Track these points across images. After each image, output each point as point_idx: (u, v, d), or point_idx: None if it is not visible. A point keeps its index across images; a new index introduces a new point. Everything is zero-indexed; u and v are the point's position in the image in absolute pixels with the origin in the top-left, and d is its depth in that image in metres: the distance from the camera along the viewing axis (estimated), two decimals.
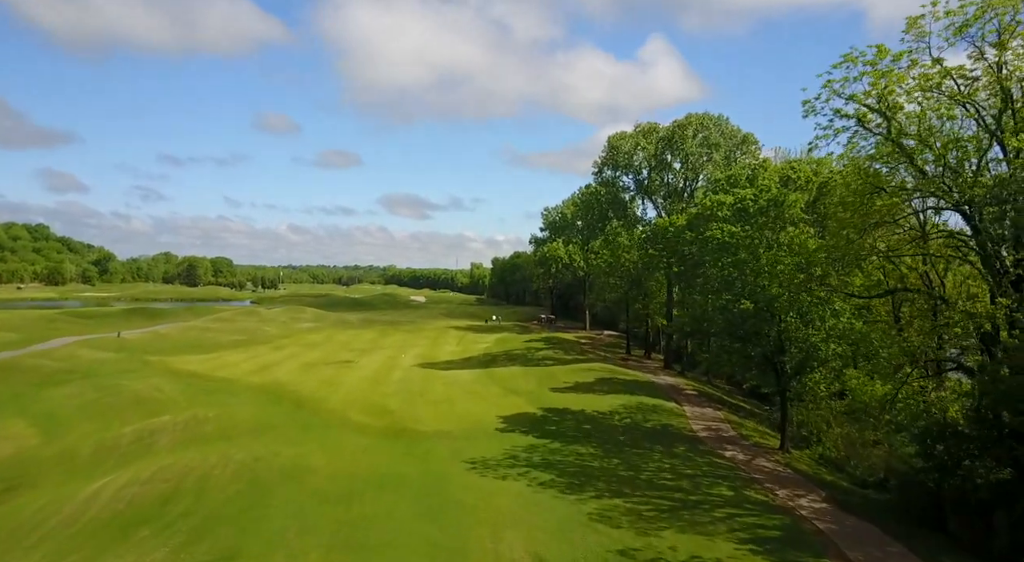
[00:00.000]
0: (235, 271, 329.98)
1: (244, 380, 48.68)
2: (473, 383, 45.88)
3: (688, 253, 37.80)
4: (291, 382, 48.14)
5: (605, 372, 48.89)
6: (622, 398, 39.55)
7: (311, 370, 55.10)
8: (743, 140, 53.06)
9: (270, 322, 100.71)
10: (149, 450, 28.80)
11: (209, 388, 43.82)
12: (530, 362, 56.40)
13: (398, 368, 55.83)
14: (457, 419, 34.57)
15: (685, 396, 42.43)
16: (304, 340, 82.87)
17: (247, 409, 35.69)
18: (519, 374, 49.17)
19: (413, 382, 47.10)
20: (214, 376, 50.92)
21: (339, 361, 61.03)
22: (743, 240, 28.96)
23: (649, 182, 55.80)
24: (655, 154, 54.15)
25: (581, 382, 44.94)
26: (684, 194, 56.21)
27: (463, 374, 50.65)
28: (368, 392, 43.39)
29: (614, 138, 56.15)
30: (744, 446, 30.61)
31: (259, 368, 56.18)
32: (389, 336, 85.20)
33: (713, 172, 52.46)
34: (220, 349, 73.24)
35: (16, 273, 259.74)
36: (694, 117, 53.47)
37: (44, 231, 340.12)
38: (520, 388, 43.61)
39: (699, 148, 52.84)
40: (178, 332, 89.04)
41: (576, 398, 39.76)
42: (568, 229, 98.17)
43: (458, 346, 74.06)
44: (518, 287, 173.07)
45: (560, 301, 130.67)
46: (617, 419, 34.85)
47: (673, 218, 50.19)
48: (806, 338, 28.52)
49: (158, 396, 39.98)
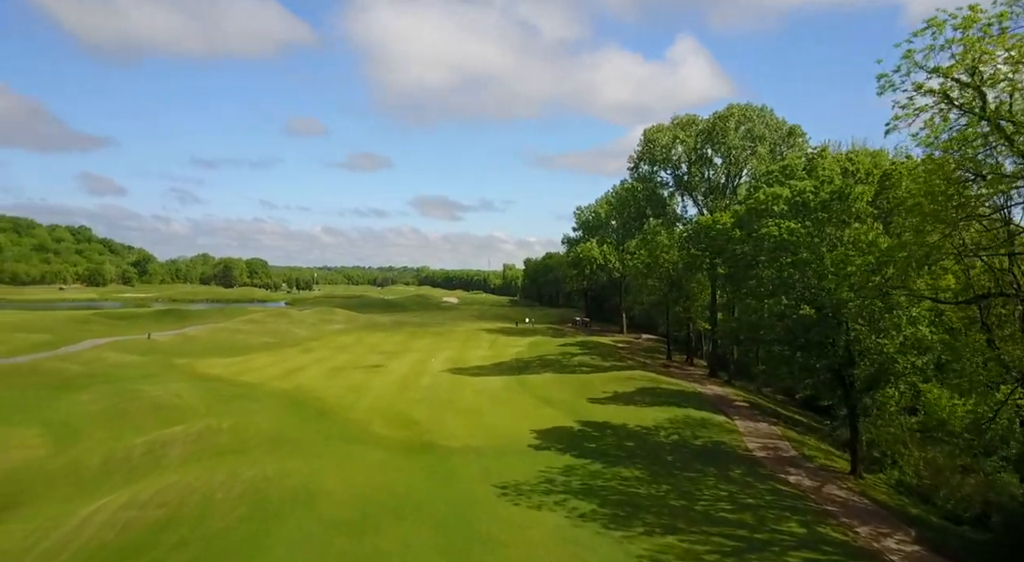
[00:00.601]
0: (270, 272, 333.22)
1: (268, 385, 46.83)
2: (504, 391, 43.24)
3: (739, 253, 34.58)
4: (316, 388, 46.13)
5: (646, 381, 45.79)
6: (667, 411, 36.49)
7: (338, 375, 53.11)
8: (789, 132, 49.38)
9: (300, 324, 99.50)
10: (157, 464, 26.76)
11: (230, 394, 41.96)
12: (565, 369, 53.53)
13: (427, 373, 53.49)
14: (487, 433, 31.93)
15: (735, 408, 39.15)
16: (334, 343, 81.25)
17: (266, 418, 33.56)
18: (553, 382, 46.38)
19: (441, 389, 44.65)
20: (238, 381, 49.24)
21: (367, 365, 58.99)
22: (803, 238, 25.75)
23: (689, 177, 52.41)
24: (695, 148, 50.79)
25: (621, 392, 41.95)
26: (726, 190, 52.72)
27: (494, 381, 48.04)
28: (394, 400, 41.06)
29: (650, 131, 52.89)
30: (809, 469, 27.35)
31: (285, 372, 54.39)
32: (419, 339, 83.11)
33: (758, 167, 48.95)
34: (248, 352, 71.96)
35: (59, 274, 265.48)
36: (736, 108, 50.02)
37: (86, 233, 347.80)
38: (555, 398, 40.81)
39: (742, 141, 49.39)
40: (208, 334, 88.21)
41: (616, 410, 36.82)
42: (602, 229, 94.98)
43: (489, 350, 71.53)
44: (551, 288, 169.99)
45: (594, 303, 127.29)
46: (663, 435, 31.83)
47: (716, 215, 46.84)
48: (880, 348, 25.18)
49: (177, 403, 38.17)
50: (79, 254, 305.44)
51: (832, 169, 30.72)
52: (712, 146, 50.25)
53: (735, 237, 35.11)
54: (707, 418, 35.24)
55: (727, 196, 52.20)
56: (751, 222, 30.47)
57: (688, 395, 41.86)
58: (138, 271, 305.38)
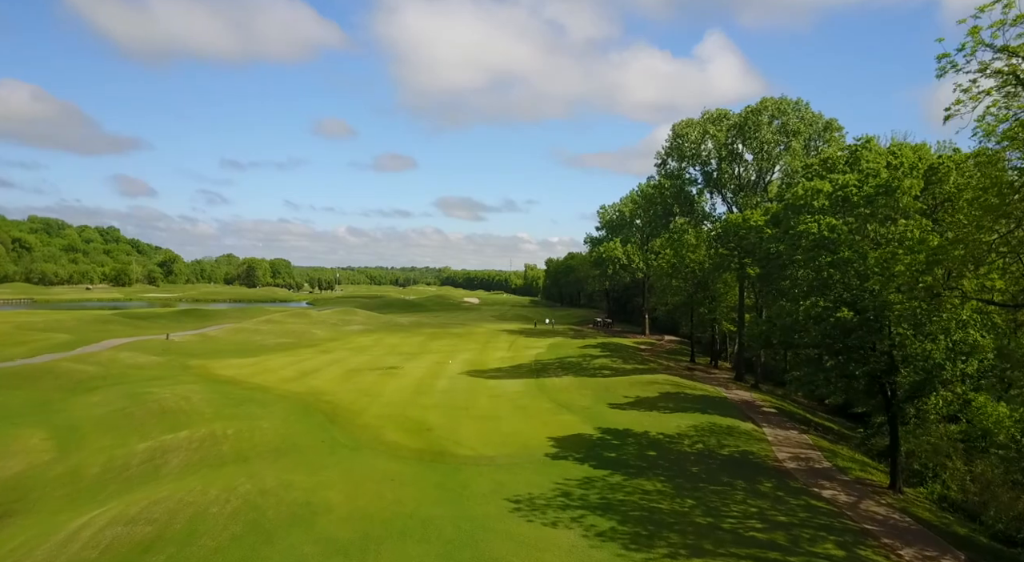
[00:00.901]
0: (293, 272, 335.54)
1: (280, 388, 45.83)
2: (522, 396, 41.70)
3: (774, 252, 32.58)
4: (328, 391, 45.05)
5: (670, 385, 43.96)
6: (691, 417, 34.68)
7: (352, 377, 52.03)
8: (825, 127, 47.09)
9: (319, 324, 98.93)
10: (156, 474, 25.65)
11: (240, 398, 40.94)
12: (585, 372, 51.85)
13: (443, 376, 52.19)
14: (502, 441, 30.41)
15: (763, 414, 37.20)
16: (351, 343, 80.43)
17: (272, 424, 32.38)
18: (573, 386, 44.75)
19: (457, 393, 43.27)
20: (250, 383, 48.34)
21: (384, 367, 57.88)
22: (845, 235, 23.71)
23: (719, 174, 50.28)
24: (725, 143, 48.65)
25: (643, 397, 40.20)
26: (757, 187, 50.53)
27: (512, 384, 46.53)
28: (408, 404, 39.74)
29: (679, 126, 50.88)
30: (844, 483, 25.42)
31: (299, 374, 53.46)
32: (438, 340, 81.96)
33: (791, 162, 46.74)
34: (265, 352, 71.36)
35: (86, 274, 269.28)
36: (770, 102, 47.81)
37: (115, 233, 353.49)
38: (574, 403, 39.18)
39: (775, 136, 47.20)
40: (226, 334, 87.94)
41: (638, 417, 35.08)
42: (626, 228, 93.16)
43: (508, 351, 70.06)
44: (572, 289, 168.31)
45: (616, 304, 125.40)
46: (687, 444, 30.06)
47: (747, 213, 44.83)
48: (926, 354, 23.18)
49: (184, 406, 37.18)
50: (107, 254, 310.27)
51: (877, 162, 28.55)
52: (743, 141, 48.06)
53: (768, 235, 33.10)
54: (733, 425, 33.36)
55: (758, 193, 49.95)
56: (787, 219, 28.44)
57: (713, 400, 39.98)
58: (164, 271, 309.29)
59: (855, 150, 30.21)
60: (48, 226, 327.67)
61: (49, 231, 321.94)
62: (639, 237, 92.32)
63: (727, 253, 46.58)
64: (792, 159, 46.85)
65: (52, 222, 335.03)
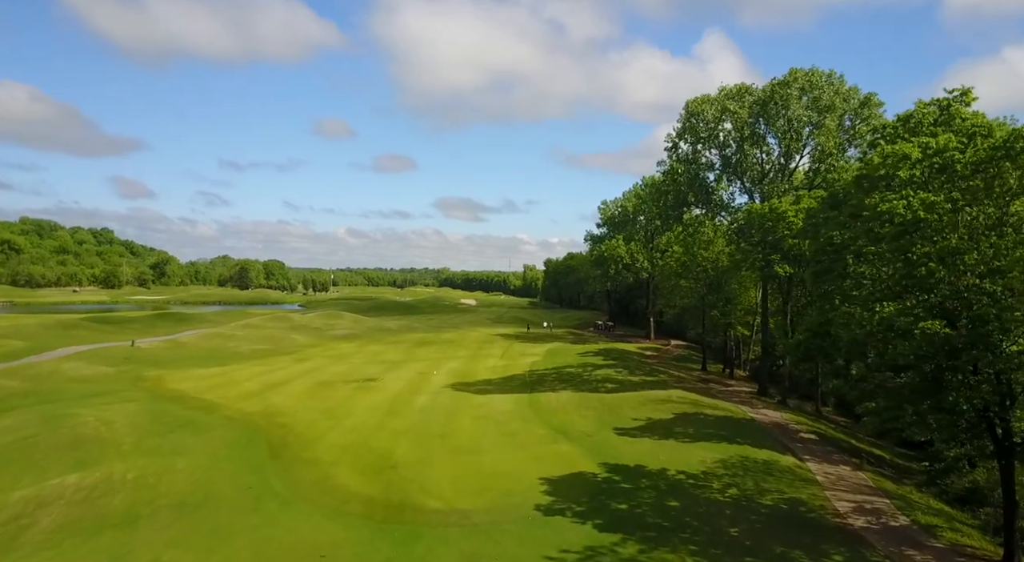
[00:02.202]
0: (288, 274, 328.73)
1: (231, 407, 39.41)
2: (512, 418, 35.24)
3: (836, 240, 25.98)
4: (287, 410, 38.65)
5: (686, 403, 37.49)
6: (717, 448, 28.22)
7: (321, 392, 45.63)
8: (864, 102, 40.49)
9: (300, 329, 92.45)
10: (11, 544, 19.18)
11: (177, 421, 34.50)
12: (586, 385, 45.36)
13: (425, 390, 45.76)
14: (482, 485, 23.98)
15: (801, 442, 30.76)
16: (332, 350, 74.02)
17: (193, 462, 25.99)
18: (572, 404, 38.27)
19: (436, 414, 36.82)
20: (200, 400, 41.90)
21: (360, 379, 51.47)
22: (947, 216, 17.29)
23: (739, 158, 43.69)
24: (748, 121, 42.09)
25: (656, 420, 33.74)
26: (783, 174, 43.96)
27: (501, 402, 40.09)
28: (375, 429, 33.31)
29: (694, 103, 44.22)
30: (939, 554, 18.93)
31: (262, 388, 47.04)
32: (426, 346, 75.49)
33: (825, 143, 40.26)
34: (235, 361, 64.92)
35: (74, 276, 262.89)
36: (799, 73, 41.20)
37: (108, 235, 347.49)
38: (573, 427, 32.72)
39: (806, 112, 40.73)
40: (199, 340, 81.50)
41: (652, 447, 28.62)
42: (629, 225, 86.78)
43: (501, 359, 63.60)
44: (572, 290, 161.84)
45: (618, 306, 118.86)
46: (718, 488, 23.61)
47: (773, 203, 38.45)
48: None
49: (103, 434, 30.73)
50: (99, 256, 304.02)
51: (981, 122, 22.06)
52: (768, 120, 41.53)
53: (830, 219, 26.58)
54: (771, 460, 26.91)
55: (784, 180, 43.37)
56: (857, 196, 22.06)
57: (739, 423, 33.50)
58: (156, 273, 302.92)
59: (946, 105, 23.71)
60: (40, 228, 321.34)
61: (41, 233, 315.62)
62: (643, 235, 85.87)
63: (749, 249, 40.18)
64: (826, 139, 40.26)
65: (44, 223, 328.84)
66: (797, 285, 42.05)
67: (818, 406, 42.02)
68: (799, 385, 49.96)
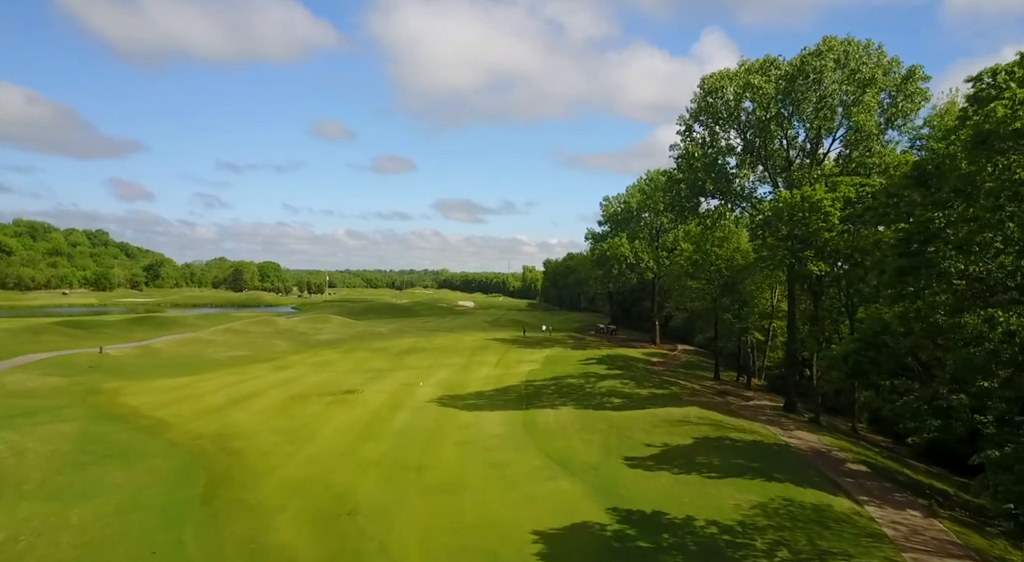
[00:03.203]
0: (283, 275, 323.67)
1: (182, 427, 34.28)
2: (503, 443, 30.00)
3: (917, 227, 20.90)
4: (246, 431, 33.59)
5: (706, 424, 32.23)
6: (752, 486, 22.99)
7: (291, 408, 40.52)
8: (907, 76, 35.08)
9: (284, 334, 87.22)
10: None
11: (109, 448, 29.32)
12: (589, 400, 40.16)
13: (408, 405, 40.63)
14: (459, 543, 18.75)
15: (852, 475, 25.51)
16: (314, 357, 68.81)
17: (105, 507, 20.82)
18: (574, 425, 33.04)
19: (416, 437, 31.62)
20: (149, 418, 36.82)
21: (338, 391, 46.32)
22: None
23: (765, 140, 38.14)
24: (775, 98, 36.58)
25: (673, 445, 28.50)
26: (813, 157, 38.55)
27: (492, 421, 34.88)
28: (341, 458, 28.12)
29: (712, 80, 38.66)
30: None
31: (227, 402, 41.98)
32: (417, 353, 70.23)
33: (865, 122, 34.90)
34: (208, 369, 59.76)
35: (65, 278, 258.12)
36: (835, 42, 35.66)
37: (103, 237, 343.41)
38: (576, 457, 27.49)
39: (843, 86, 35.41)
40: (174, 346, 76.32)
41: (671, 485, 23.39)
42: (633, 222, 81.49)
43: (496, 367, 58.40)
44: (572, 291, 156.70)
45: (621, 308, 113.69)
46: (762, 549, 18.34)
47: (804, 190, 33.22)
48: None
49: (5, 469, 25.50)
50: (93, 258, 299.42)
51: None
52: (797, 96, 35.99)
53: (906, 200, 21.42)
54: (822, 504, 21.65)
55: (816, 167, 37.90)
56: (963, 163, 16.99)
57: (773, 451, 28.24)
58: (150, 275, 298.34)
59: None
60: (33, 230, 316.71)
61: (34, 235, 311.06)
62: (648, 232, 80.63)
63: (776, 244, 34.97)
64: (865, 118, 34.88)
65: (38, 225, 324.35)
66: (830, 285, 36.81)
67: (854, 423, 36.77)
68: (825, 397, 44.68)
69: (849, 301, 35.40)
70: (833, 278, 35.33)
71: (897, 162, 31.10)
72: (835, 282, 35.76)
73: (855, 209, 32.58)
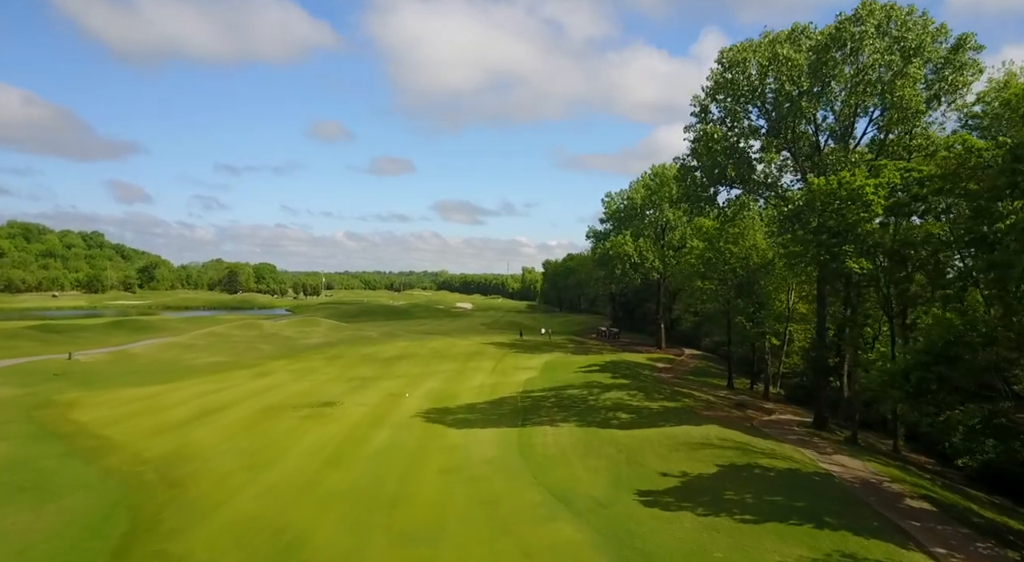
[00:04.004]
0: (279, 277, 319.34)
1: (128, 449, 29.93)
2: (494, 472, 25.53)
3: None
4: (201, 453, 29.27)
5: (729, 446, 27.73)
6: (800, 534, 18.52)
7: (261, 422, 36.21)
8: (958, 45, 30.55)
9: (269, 338, 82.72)
10: None
11: (30, 478, 24.93)
12: (593, 415, 35.72)
13: (389, 421, 36.29)
14: None
15: (915, 516, 21.02)
16: (298, 364, 64.36)
17: None
18: (576, 447, 28.56)
19: (392, 463, 27.19)
20: (98, 437, 32.54)
21: (316, 403, 41.96)
22: None
23: (794, 120, 33.29)
24: (807, 70, 31.83)
25: (694, 475, 24.04)
26: (848, 139, 33.89)
27: (483, 442, 30.45)
28: (301, 491, 23.70)
29: (732, 52, 33.67)
30: None
31: (191, 417, 37.65)
32: (407, 359, 65.82)
33: (910, 98, 30.32)
34: (184, 377, 55.31)
35: (56, 281, 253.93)
36: (875, 6, 30.83)
37: (98, 239, 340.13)
38: (578, 489, 23.02)
39: (886, 56, 30.88)
40: (151, 352, 71.93)
41: (698, 531, 18.93)
42: (637, 219, 77.03)
43: (491, 375, 54.02)
44: (572, 292, 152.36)
45: (623, 310, 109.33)
46: None
47: (842, 176, 28.74)
48: None
49: None
50: (87, 260, 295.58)
51: None
52: (830, 70, 31.30)
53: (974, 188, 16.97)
54: (893, 560, 17.19)
55: (853, 151, 33.14)
56: None
57: (815, 484, 23.74)
58: (145, 277, 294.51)
59: None
60: (27, 231, 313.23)
61: (28, 237, 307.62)
62: (653, 230, 76.19)
63: (808, 238, 30.48)
64: (911, 92, 30.24)
65: (32, 227, 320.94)
66: (867, 285, 32.33)
67: (896, 443, 32.27)
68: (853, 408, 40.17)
69: (888, 303, 30.96)
70: (870, 277, 30.91)
71: (950, 143, 26.70)
72: (872, 282, 31.33)
73: (899, 198, 28.19)
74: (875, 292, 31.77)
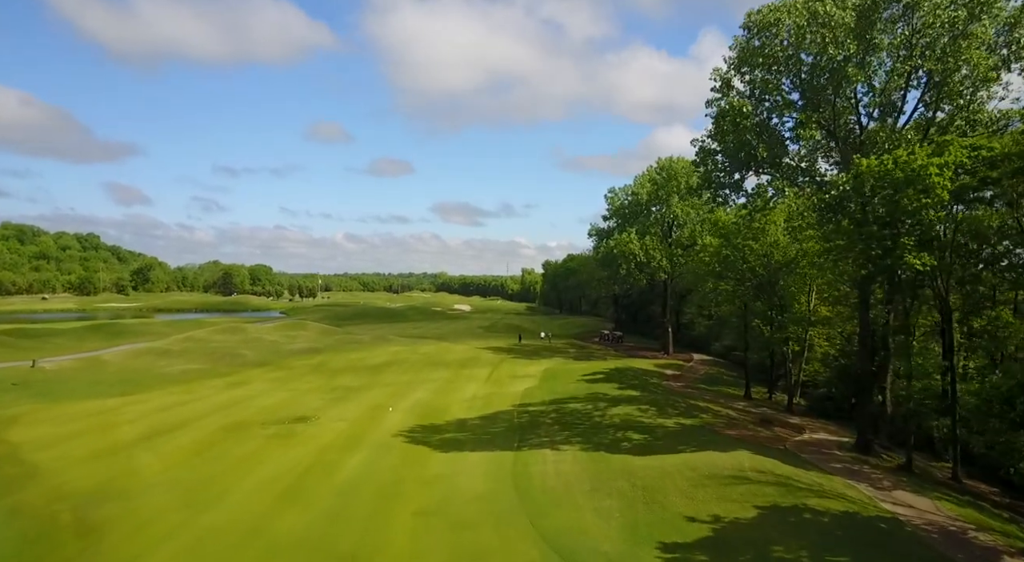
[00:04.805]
0: (275, 278, 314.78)
1: (50, 480, 25.35)
2: (481, 515, 20.78)
3: None
4: (136, 486, 24.67)
5: (768, 481, 22.97)
6: None
7: (222, 443, 31.69)
8: None
9: (253, 343, 77.91)
10: None
11: None
12: (599, 434, 31.01)
13: (366, 442, 31.66)
14: None
15: None
16: (278, 371, 59.73)
17: None
18: (581, 481, 23.83)
19: (359, 502, 22.46)
20: (20, 463, 27.95)
21: (288, 419, 37.36)
22: None
23: (838, 91, 28.28)
24: (855, 31, 26.88)
25: (729, 521, 19.32)
26: (898, 112, 29.08)
27: (471, 470, 25.75)
28: (242, 542, 19.05)
29: (762, 14, 28.59)
30: None
31: (141, 436, 33.08)
32: (397, 365, 61.23)
33: (978, 62, 25.48)
34: (149, 388, 50.65)
35: (47, 283, 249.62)
36: None
37: (94, 240, 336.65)
38: (586, 542, 18.30)
39: (947, 12, 26.11)
40: (124, 358, 67.18)
41: None
42: (642, 216, 72.38)
43: (486, 385, 49.37)
44: (572, 294, 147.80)
45: (627, 312, 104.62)
46: None
47: (898, 154, 24.07)
48: None
49: None
50: (82, 262, 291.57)
51: None
52: (878, 31, 26.52)
53: None
54: None
55: (908, 129, 28.24)
56: None
57: (882, 534, 19.01)
58: (139, 279, 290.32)
59: None
60: (21, 233, 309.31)
61: (22, 238, 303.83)
62: (660, 227, 71.53)
63: (858, 230, 25.81)
64: (978, 55, 25.46)
65: (26, 229, 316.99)
66: (921, 285, 27.62)
67: (956, 471, 27.50)
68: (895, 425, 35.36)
69: (946, 306, 26.29)
70: (926, 276, 26.24)
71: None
72: (928, 281, 26.66)
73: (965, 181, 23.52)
74: (931, 293, 27.10)
